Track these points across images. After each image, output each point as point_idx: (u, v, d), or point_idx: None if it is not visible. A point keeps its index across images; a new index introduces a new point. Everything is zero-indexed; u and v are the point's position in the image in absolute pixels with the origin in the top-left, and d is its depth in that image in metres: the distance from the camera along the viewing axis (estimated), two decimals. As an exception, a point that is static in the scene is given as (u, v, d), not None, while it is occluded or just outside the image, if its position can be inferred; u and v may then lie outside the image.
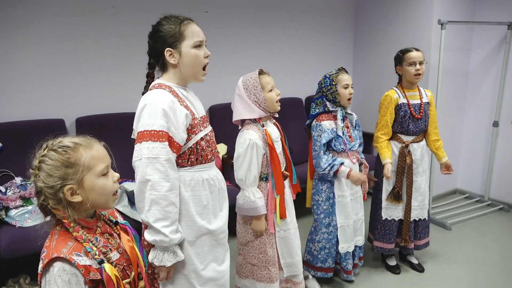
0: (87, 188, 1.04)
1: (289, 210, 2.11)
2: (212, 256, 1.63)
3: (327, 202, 2.37)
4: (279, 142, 2.06)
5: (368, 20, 4.19)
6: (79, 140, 1.07)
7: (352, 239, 2.42)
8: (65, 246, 1.01)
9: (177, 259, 1.49)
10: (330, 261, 2.42)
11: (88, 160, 1.04)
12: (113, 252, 1.11)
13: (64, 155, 1.03)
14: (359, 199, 2.45)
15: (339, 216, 2.36)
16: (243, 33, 3.67)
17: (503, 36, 3.61)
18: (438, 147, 2.66)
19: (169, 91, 1.47)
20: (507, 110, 3.69)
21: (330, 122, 2.31)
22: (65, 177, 1.02)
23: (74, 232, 1.03)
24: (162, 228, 1.41)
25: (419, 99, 2.54)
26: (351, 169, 2.29)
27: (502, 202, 3.82)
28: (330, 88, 2.29)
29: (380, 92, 3.08)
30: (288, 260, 2.14)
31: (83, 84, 3.00)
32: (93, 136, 1.11)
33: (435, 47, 3.49)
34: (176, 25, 1.49)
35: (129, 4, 3.08)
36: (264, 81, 1.94)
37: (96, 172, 1.06)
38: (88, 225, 1.09)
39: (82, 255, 1.01)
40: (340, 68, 2.33)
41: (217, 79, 3.38)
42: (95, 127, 2.90)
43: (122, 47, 3.09)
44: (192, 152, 1.52)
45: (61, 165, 1.02)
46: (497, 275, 2.66)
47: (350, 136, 2.37)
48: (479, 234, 3.30)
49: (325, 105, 2.32)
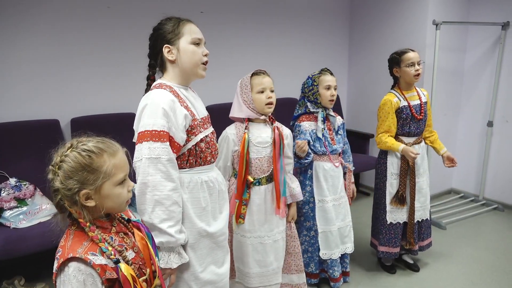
0: (103, 195, 1.04)
1: (253, 220, 2.01)
2: (211, 259, 1.61)
3: (306, 205, 2.33)
4: (264, 148, 1.99)
5: (363, 20, 4.20)
6: (104, 146, 1.05)
7: (337, 246, 2.36)
8: (80, 246, 1.00)
9: (183, 261, 1.47)
10: (313, 266, 2.38)
11: (110, 168, 1.03)
12: (128, 251, 1.11)
13: (87, 159, 1.01)
14: (344, 205, 2.38)
15: (320, 221, 2.32)
16: (239, 34, 3.67)
17: (497, 36, 3.63)
18: (433, 140, 2.65)
19: (170, 91, 1.46)
20: (502, 110, 3.71)
21: (310, 123, 2.28)
22: (84, 181, 1.00)
23: (90, 232, 1.03)
24: (168, 229, 1.39)
25: (419, 100, 2.53)
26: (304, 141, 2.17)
27: (496, 201, 3.85)
28: (311, 88, 2.26)
29: (375, 92, 3.09)
30: (240, 266, 2.08)
31: (78, 84, 2.98)
32: (115, 139, 1.11)
33: (430, 47, 3.50)
34: (175, 23, 1.49)
35: (124, 4, 3.06)
36: (255, 82, 1.95)
37: (115, 181, 1.05)
38: (104, 225, 1.08)
39: (97, 255, 1.00)
40: (324, 69, 2.30)
41: (213, 79, 3.38)
42: (90, 128, 2.85)
43: (117, 47, 3.08)
44: (191, 154, 1.51)
45: (82, 169, 1.00)
46: (492, 274, 2.68)
47: (333, 139, 2.32)
48: (474, 234, 3.32)
49: (306, 106, 2.29)
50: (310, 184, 2.32)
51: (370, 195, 4.08)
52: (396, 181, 2.54)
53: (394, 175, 2.54)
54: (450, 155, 2.61)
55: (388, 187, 2.57)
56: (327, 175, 2.30)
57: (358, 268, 2.78)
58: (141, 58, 1.59)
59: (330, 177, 2.31)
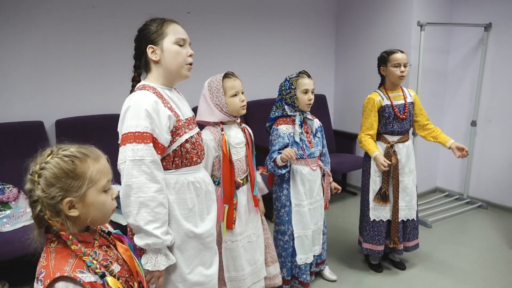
0: (88, 203, 0.99)
1: (242, 221, 2.02)
2: (199, 260, 1.61)
3: (283, 209, 2.30)
4: (241, 149, 2.01)
5: (350, 21, 4.24)
6: (87, 151, 1.01)
7: (311, 250, 2.34)
8: (66, 264, 0.94)
9: (170, 262, 1.46)
10: (285, 272, 2.36)
11: (95, 174, 0.99)
12: (114, 265, 1.06)
13: (71, 165, 0.96)
14: (319, 208, 2.37)
15: (296, 226, 2.28)
16: (226, 35, 3.66)
17: (480, 37, 3.70)
18: (436, 135, 2.62)
19: (153, 92, 1.45)
20: (485, 110, 3.78)
21: (288, 127, 2.24)
22: (68, 188, 0.95)
23: (72, 245, 0.97)
24: (154, 230, 1.38)
25: (403, 99, 2.56)
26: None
27: (480, 199, 3.91)
28: (289, 92, 2.21)
29: (362, 92, 3.13)
30: (232, 273, 2.03)
31: (63, 85, 2.94)
32: (96, 146, 1.06)
33: (414, 48, 3.55)
34: (159, 23, 1.49)
35: (110, 4, 3.03)
36: (228, 85, 1.91)
37: (100, 187, 1.00)
38: (86, 239, 1.03)
39: (85, 272, 0.95)
40: (301, 71, 2.25)
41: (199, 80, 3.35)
42: (76, 130, 2.86)
43: (103, 47, 3.04)
44: (176, 155, 1.50)
45: (66, 176, 0.95)
46: (476, 271, 2.73)
47: (310, 142, 2.28)
48: (459, 232, 3.37)
49: (283, 108, 2.25)
50: (287, 187, 2.29)
51: (357, 195, 4.12)
52: (380, 178, 2.58)
53: (378, 172, 2.57)
54: (459, 145, 2.52)
55: (371, 185, 2.60)
56: (304, 179, 2.27)
57: (345, 267, 2.80)
58: (127, 59, 1.58)
59: (308, 181, 2.28)
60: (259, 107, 3.70)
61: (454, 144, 2.54)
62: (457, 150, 2.52)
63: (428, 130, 2.65)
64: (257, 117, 3.68)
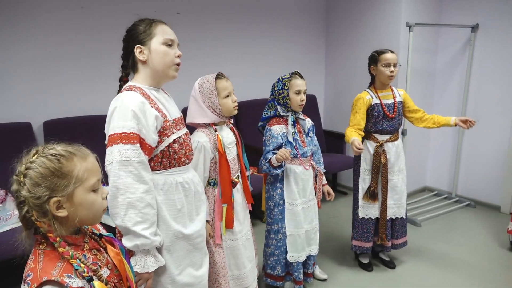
0: (76, 203, 0.96)
1: (239, 219, 2.04)
2: (189, 261, 1.60)
3: (276, 208, 2.31)
4: (233, 148, 2.02)
5: (340, 22, 4.26)
6: (73, 150, 0.99)
7: (304, 249, 2.35)
8: (54, 268, 0.92)
9: (159, 264, 1.46)
10: (280, 269, 2.37)
11: (82, 173, 0.97)
12: (103, 269, 1.04)
13: (57, 163, 0.94)
14: (312, 207, 2.38)
15: (289, 224, 2.30)
16: (216, 35, 3.66)
17: (467, 38, 3.74)
18: (436, 121, 2.61)
19: (140, 92, 1.45)
20: (473, 110, 3.82)
21: (281, 127, 2.25)
22: (54, 188, 0.93)
23: (60, 247, 0.95)
24: (142, 231, 1.37)
25: (393, 99, 2.59)
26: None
27: (468, 198, 3.96)
28: (282, 92, 2.22)
29: (352, 92, 3.14)
30: (235, 272, 2.05)
31: (51, 85, 2.91)
32: (84, 145, 1.04)
33: (403, 48, 3.58)
34: (148, 24, 1.48)
35: (99, 4, 3.01)
36: (221, 86, 1.91)
37: (88, 186, 0.98)
38: (75, 242, 1.00)
39: (73, 277, 0.93)
40: (294, 72, 2.27)
41: (189, 81, 3.33)
42: (64, 131, 2.82)
43: (92, 48, 3.02)
44: (164, 155, 1.50)
45: (52, 175, 0.93)
46: (465, 269, 2.76)
47: (303, 142, 2.30)
48: (448, 230, 3.41)
49: (276, 109, 2.27)
50: (281, 186, 2.30)
51: (348, 194, 4.14)
52: (369, 177, 2.61)
53: (367, 171, 2.61)
54: (462, 118, 2.55)
55: (361, 183, 2.64)
56: (298, 178, 2.29)
57: (336, 266, 2.81)
58: (115, 60, 1.57)
59: (301, 180, 2.30)
60: (249, 107, 3.70)
61: (457, 119, 2.56)
62: (462, 123, 2.54)
63: (426, 120, 2.66)
64: (247, 117, 3.68)
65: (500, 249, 3.03)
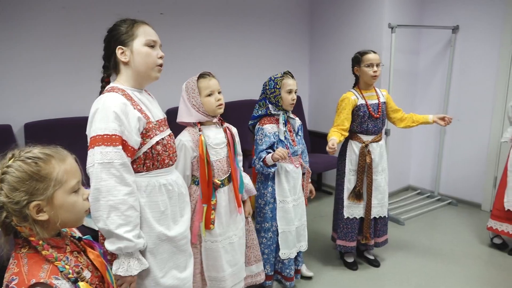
0: (57, 206, 0.95)
1: (222, 222, 2.00)
2: (173, 263, 1.59)
3: (267, 206, 2.34)
4: (221, 149, 2.00)
5: (324, 23, 4.29)
6: (51, 152, 0.97)
7: (295, 245, 2.40)
8: (41, 270, 0.91)
9: (143, 267, 1.44)
10: (269, 268, 2.40)
11: (61, 175, 0.95)
12: (84, 271, 1.03)
13: (34, 167, 0.92)
14: (301, 205, 2.43)
15: (280, 222, 2.33)
16: (200, 36, 3.64)
17: (448, 39, 3.81)
18: (416, 119, 2.70)
19: (122, 94, 1.43)
20: (454, 110, 3.89)
21: (272, 126, 2.28)
22: (33, 192, 0.91)
23: (43, 250, 0.93)
24: (125, 234, 1.36)
25: (377, 99, 2.63)
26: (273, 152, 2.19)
27: (450, 196, 4.04)
28: (274, 91, 2.26)
29: (336, 92, 3.17)
30: (212, 273, 2.03)
31: (32, 87, 2.86)
32: (62, 146, 1.02)
33: (386, 49, 3.63)
34: (130, 24, 1.47)
35: (80, 5, 2.97)
36: (203, 85, 1.92)
37: (68, 188, 0.97)
38: (58, 244, 0.99)
39: (60, 279, 0.92)
40: (285, 72, 2.31)
41: (173, 81, 3.33)
42: (46, 133, 2.77)
43: (74, 48, 2.97)
44: (147, 157, 1.49)
45: (30, 178, 0.91)
46: (448, 266, 2.81)
47: (293, 141, 2.35)
48: (430, 228, 3.47)
49: (267, 107, 2.30)
50: (272, 185, 2.33)
51: (333, 194, 4.17)
52: (354, 177, 2.63)
53: (352, 171, 2.63)
54: (439, 115, 2.65)
55: (346, 183, 2.66)
56: (289, 176, 2.33)
57: (321, 265, 2.83)
58: (97, 60, 1.55)
59: (292, 178, 2.34)
60: (233, 108, 3.69)
61: (435, 117, 2.65)
62: (440, 120, 2.63)
63: (406, 119, 2.74)
64: (231, 118, 3.66)
65: (481, 245, 3.09)
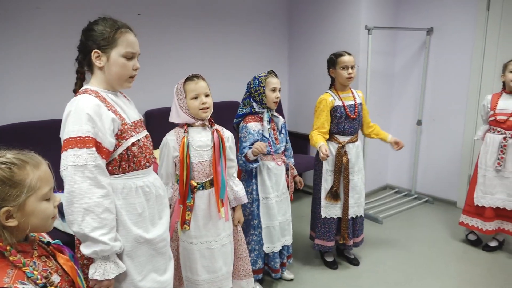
0: (28, 212, 0.93)
1: (199, 225, 1.98)
2: (152, 266, 1.57)
3: (254, 203, 2.39)
4: (204, 152, 1.96)
5: (301, 25, 4.32)
6: (25, 157, 0.95)
7: (279, 239, 2.46)
8: (5, 275, 0.89)
9: (120, 270, 1.42)
10: (260, 262, 2.46)
11: (35, 181, 0.93)
12: (53, 275, 1.01)
13: (8, 172, 0.90)
14: (285, 200, 2.49)
15: (263, 217, 2.40)
16: (178, 37, 3.61)
17: (423, 41, 3.90)
18: (377, 132, 2.82)
19: (95, 95, 1.41)
20: (429, 110, 3.99)
21: (256, 124, 2.34)
22: (5, 198, 0.89)
23: (11, 256, 0.91)
24: (101, 237, 1.33)
25: (353, 100, 2.66)
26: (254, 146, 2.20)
27: (427, 195, 4.13)
28: (258, 89, 2.32)
29: (314, 93, 3.19)
30: (188, 274, 2.03)
31: (2, 89, 2.77)
32: (35, 151, 1.00)
33: (363, 51, 3.68)
34: (112, 29, 1.43)
35: (56, 4, 2.90)
36: (188, 88, 1.93)
37: (40, 195, 0.95)
38: (25, 249, 0.97)
39: (26, 283, 0.91)
40: (270, 71, 2.39)
41: (152, 83, 3.30)
42: (17, 137, 2.70)
43: (47, 49, 2.90)
44: (122, 159, 1.47)
45: (2, 184, 0.89)
46: (425, 262, 2.87)
47: (276, 139, 2.41)
48: (408, 226, 3.53)
49: (252, 106, 2.36)
50: (255, 182, 2.38)
51: (313, 194, 4.20)
52: (331, 177, 2.66)
53: (329, 171, 2.66)
54: (396, 139, 2.76)
55: (323, 183, 2.68)
56: (270, 173, 2.39)
57: (301, 266, 2.85)
58: (71, 62, 1.52)
59: (274, 175, 2.40)
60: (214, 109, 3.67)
61: (392, 139, 2.77)
62: (395, 144, 2.75)
63: (371, 128, 2.82)
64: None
65: (456, 241, 3.18)
